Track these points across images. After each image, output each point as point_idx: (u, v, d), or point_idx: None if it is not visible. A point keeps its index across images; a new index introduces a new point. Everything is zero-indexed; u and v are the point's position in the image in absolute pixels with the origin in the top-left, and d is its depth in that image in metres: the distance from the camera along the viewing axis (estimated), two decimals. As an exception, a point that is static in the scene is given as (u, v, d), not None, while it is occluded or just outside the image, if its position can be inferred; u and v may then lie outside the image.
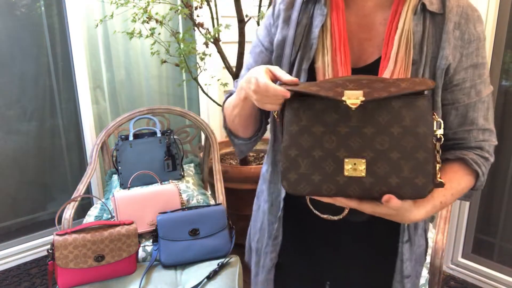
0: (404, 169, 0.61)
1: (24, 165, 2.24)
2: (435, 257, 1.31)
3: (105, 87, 2.38)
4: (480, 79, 0.75)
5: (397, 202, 0.62)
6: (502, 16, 1.73)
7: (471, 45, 0.73)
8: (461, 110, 0.76)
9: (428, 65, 0.73)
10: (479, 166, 0.76)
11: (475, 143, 0.78)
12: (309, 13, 0.78)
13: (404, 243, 0.80)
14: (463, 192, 0.76)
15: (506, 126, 1.84)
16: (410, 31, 0.72)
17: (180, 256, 1.44)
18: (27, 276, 2.10)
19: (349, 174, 0.63)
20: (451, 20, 0.72)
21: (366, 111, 0.63)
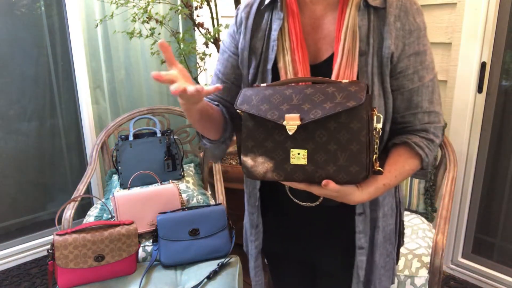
0: (340, 159, 0.72)
1: (24, 165, 2.24)
2: (435, 257, 1.30)
3: (105, 87, 2.38)
4: (422, 65, 0.82)
5: (334, 186, 0.71)
6: (502, 16, 1.73)
7: (412, 35, 0.81)
8: (406, 95, 0.84)
9: (376, 55, 0.81)
10: (421, 149, 0.83)
11: (421, 126, 0.85)
12: (268, 19, 0.87)
13: (357, 215, 0.87)
14: (408, 173, 0.84)
15: (506, 126, 1.84)
16: (356, 25, 0.80)
17: (180, 256, 1.44)
18: (27, 276, 2.10)
19: (294, 162, 0.75)
20: (392, 13, 0.80)
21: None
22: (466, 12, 1.76)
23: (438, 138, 0.86)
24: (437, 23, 1.88)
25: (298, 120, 0.73)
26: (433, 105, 0.85)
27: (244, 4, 0.92)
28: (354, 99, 0.71)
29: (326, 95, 0.73)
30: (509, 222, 1.92)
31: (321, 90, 0.75)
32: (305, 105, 0.74)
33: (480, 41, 1.76)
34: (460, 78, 1.83)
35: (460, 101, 1.85)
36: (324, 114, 0.71)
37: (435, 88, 0.85)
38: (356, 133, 0.71)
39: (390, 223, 0.96)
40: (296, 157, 0.74)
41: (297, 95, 0.75)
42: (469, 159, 1.92)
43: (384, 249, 0.96)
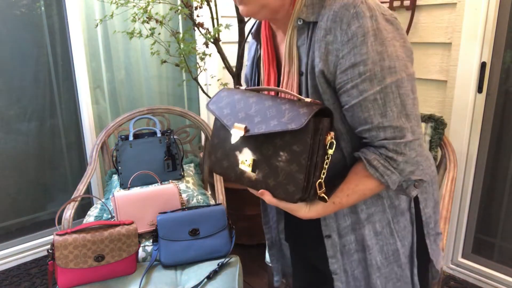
0: (280, 175, 0.74)
1: (24, 165, 2.24)
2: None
3: (105, 87, 2.38)
4: (361, 77, 0.73)
5: (270, 198, 0.74)
6: (502, 16, 1.73)
7: (346, 46, 0.73)
8: (351, 112, 0.77)
9: (310, 74, 0.78)
10: (375, 168, 0.76)
11: (378, 142, 0.76)
12: (255, 48, 0.94)
13: (325, 238, 0.87)
14: (364, 193, 0.79)
15: (506, 126, 1.84)
16: (293, 45, 0.79)
17: (180, 256, 1.44)
18: (27, 276, 2.10)
19: (241, 168, 0.79)
20: (321, 27, 0.75)
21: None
22: (466, 12, 1.76)
23: (402, 155, 0.75)
24: (437, 23, 1.88)
25: (242, 131, 0.76)
26: (388, 119, 0.74)
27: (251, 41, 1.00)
28: (296, 122, 0.70)
29: (278, 112, 0.74)
30: (509, 222, 1.92)
31: (277, 105, 0.75)
32: (257, 117, 0.76)
33: (480, 41, 1.76)
34: (460, 78, 1.83)
35: (460, 101, 1.85)
36: (266, 130, 0.73)
37: (390, 99, 0.74)
38: (297, 155, 0.71)
39: (390, 242, 0.88)
40: (244, 163, 0.78)
41: (256, 105, 0.78)
42: (469, 159, 1.92)
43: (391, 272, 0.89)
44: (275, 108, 0.75)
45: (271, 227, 1.11)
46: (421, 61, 1.97)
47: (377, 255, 0.87)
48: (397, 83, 0.74)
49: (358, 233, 0.86)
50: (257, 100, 0.79)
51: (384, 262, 0.87)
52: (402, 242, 0.90)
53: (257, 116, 0.76)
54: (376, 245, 0.87)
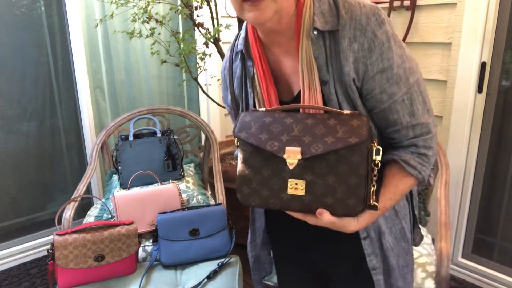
0: (338, 191, 0.70)
1: (24, 165, 2.24)
2: (440, 266, 1.21)
3: (105, 87, 2.38)
4: (389, 82, 0.76)
5: (328, 217, 0.71)
6: (502, 16, 1.73)
7: (373, 53, 0.74)
8: (381, 115, 0.79)
9: (338, 82, 0.78)
10: (413, 167, 0.79)
11: (408, 141, 0.80)
12: (242, 67, 0.89)
13: (363, 240, 0.87)
14: (403, 192, 0.82)
15: (506, 126, 1.84)
16: (311, 56, 0.77)
17: (180, 256, 1.44)
18: (27, 276, 2.10)
19: (291, 192, 0.73)
20: (345, 36, 0.75)
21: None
22: (466, 12, 1.76)
23: (431, 149, 0.81)
24: (437, 23, 1.88)
25: (299, 154, 0.71)
26: (416, 117, 0.79)
27: (223, 64, 0.96)
28: (357, 135, 0.69)
29: (327, 128, 0.72)
30: (509, 222, 1.92)
31: (322, 121, 0.73)
32: (306, 137, 0.72)
33: (480, 41, 1.76)
34: (460, 78, 1.83)
35: (460, 101, 1.85)
36: (325, 149, 0.70)
37: (415, 98, 0.78)
38: (356, 167, 0.70)
39: (396, 223, 0.94)
40: (294, 187, 0.73)
41: (297, 125, 0.74)
42: (469, 159, 1.92)
43: (400, 249, 0.94)
44: (322, 125, 0.72)
45: (257, 244, 1.11)
46: (421, 61, 1.97)
47: (388, 238, 0.91)
48: (417, 82, 0.78)
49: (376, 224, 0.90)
50: (295, 120, 0.74)
51: (395, 242, 0.92)
52: (405, 219, 0.95)
53: (304, 136, 0.72)
54: (387, 228, 0.91)
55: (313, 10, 0.77)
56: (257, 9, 0.72)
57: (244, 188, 0.77)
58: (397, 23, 2.00)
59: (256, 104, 0.87)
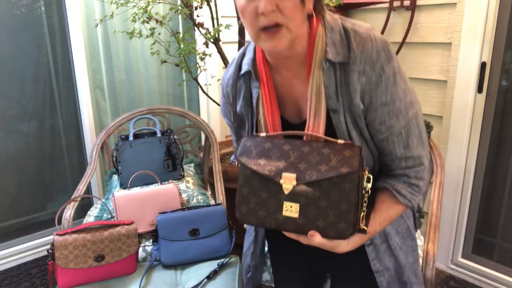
0: (329, 215, 0.76)
1: (24, 165, 2.24)
2: (426, 268, 1.19)
3: (105, 87, 2.38)
4: (389, 115, 0.80)
5: (319, 239, 0.75)
6: (502, 16, 1.73)
7: (379, 87, 0.78)
8: (378, 144, 0.84)
9: (347, 112, 0.81)
10: (403, 196, 0.84)
11: (400, 171, 0.85)
12: (248, 86, 0.91)
13: (366, 246, 0.91)
14: (393, 218, 0.86)
15: (506, 126, 1.84)
16: (321, 86, 0.80)
17: (180, 256, 1.44)
18: (27, 276, 2.10)
19: (286, 214, 0.78)
20: (355, 70, 0.77)
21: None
22: (466, 12, 1.76)
23: (422, 180, 0.85)
24: (437, 23, 1.88)
25: (294, 180, 0.77)
26: (410, 150, 0.83)
27: (226, 80, 0.97)
28: (348, 165, 0.75)
29: (321, 156, 0.77)
30: (509, 222, 1.92)
31: (317, 150, 0.78)
32: (302, 164, 0.78)
33: (480, 41, 1.76)
34: (460, 78, 1.83)
35: (460, 101, 1.85)
36: (319, 177, 0.76)
37: (411, 133, 0.82)
38: (347, 194, 0.75)
39: (401, 223, 0.96)
40: (289, 209, 0.78)
41: (294, 152, 0.79)
42: (469, 159, 1.92)
43: (407, 247, 0.97)
44: (316, 153, 0.78)
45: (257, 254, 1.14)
46: (421, 61, 1.97)
47: (395, 238, 0.94)
48: (415, 115, 0.83)
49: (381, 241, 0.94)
50: (292, 147, 0.80)
51: (402, 241, 0.95)
52: (409, 218, 0.99)
53: (300, 163, 0.78)
54: (392, 229, 0.94)
55: (325, 40, 0.79)
56: (273, 39, 0.75)
57: (243, 208, 0.82)
58: (397, 23, 2.00)
59: (258, 125, 0.90)
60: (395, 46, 2.00)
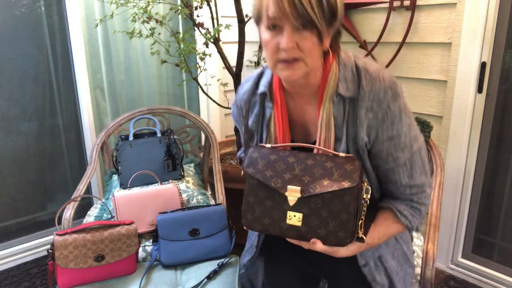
0: (330, 224, 0.81)
1: (24, 165, 2.24)
2: (425, 268, 1.19)
3: (105, 87, 2.38)
4: (395, 148, 0.87)
5: (320, 246, 0.82)
6: (502, 16, 1.73)
7: (385, 123, 0.85)
8: (383, 173, 0.91)
9: (351, 142, 0.88)
10: (405, 217, 0.91)
11: (404, 197, 0.92)
12: (261, 105, 0.98)
13: (362, 267, 0.95)
14: (391, 235, 0.93)
15: (506, 126, 1.84)
16: (330, 117, 0.87)
17: (180, 256, 1.44)
18: (27, 276, 2.10)
19: (289, 223, 0.83)
20: (363, 106, 0.85)
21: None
22: (466, 12, 1.76)
23: (424, 205, 0.93)
24: (437, 23, 1.88)
25: (298, 193, 0.82)
26: (414, 179, 0.90)
27: (242, 94, 1.03)
28: (349, 179, 0.80)
29: (325, 170, 0.82)
30: (509, 222, 1.92)
31: (320, 163, 0.83)
32: (306, 177, 0.83)
33: (480, 41, 1.76)
34: (460, 78, 1.83)
35: (460, 101, 1.85)
36: (322, 190, 0.81)
37: (415, 164, 0.89)
38: (347, 205, 0.80)
39: (397, 248, 1.03)
40: (293, 218, 0.83)
41: (299, 164, 0.84)
42: (469, 159, 1.92)
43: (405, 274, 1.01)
44: (319, 167, 0.83)
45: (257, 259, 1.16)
46: (421, 61, 1.97)
47: (392, 262, 0.98)
48: (419, 147, 0.90)
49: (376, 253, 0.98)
50: (297, 159, 0.85)
51: (398, 266, 0.99)
52: (407, 244, 1.05)
53: (304, 176, 0.83)
54: (388, 252, 0.98)
55: (338, 75, 0.87)
56: (289, 69, 0.82)
57: (248, 215, 0.88)
58: (397, 23, 2.00)
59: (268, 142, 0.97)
60: (395, 46, 2.01)
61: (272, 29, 0.80)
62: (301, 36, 0.78)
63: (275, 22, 0.79)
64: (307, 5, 0.74)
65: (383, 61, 2.07)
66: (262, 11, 0.80)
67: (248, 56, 2.17)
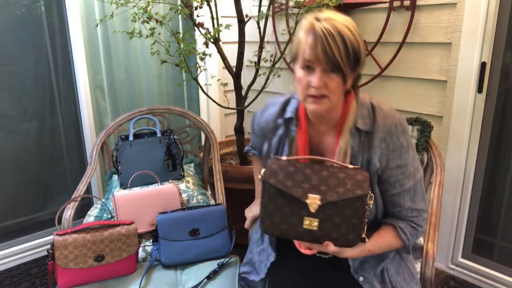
0: (342, 228, 0.93)
1: (24, 165, 2.24)
2: (425, 267, 1.20)
3: (105, 87, 2.38)
4: (403, 175, 1.03)
5: (332, 248, 0.95)
6: (502, 16, 1.73)
7: (395, 152, 1.02)
8: (390, 197, 1.06)
9: (365, 167, 1.03)
10: (405, 234, 1.05)
11: (406, 218, 1.07)
12: (284, 128, 1.14)
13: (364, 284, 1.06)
14: (390, 247, 1.06)
15: (506, 126, 1.84)
16: (348, 146, 1.02)
17: (180, 256, 1.44)
18: (27, 276, 2.10)
19: (306, 227, 0.94)
20: (377, 137, 1.02)
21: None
22: (466, 12, 1.76)
23: (421, 228, 1.07)
24: (437, 23, 1.88)
25: (318, 200, 0.93)
26: (415, 204, 1.05)
27: (269, 115, 1.18)
28: (361, 188, 0.93)
29: (338, 180, 0.95)
30: (509, 222, 1.92)
31: (334, 174, 0.95)
32: (322, 187, 0.94)
33: (480, 41, 1.76)
34: (460, 78, 1.83)
35: (460, 101, 1.85)
36: (338, 198, 0.93)
37: (417, 191, 1.05)
38: (357, 211, 0.93)
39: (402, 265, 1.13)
40: (309, 223, 0.94)
41: (315, 176, 0.96)
42: (469, 159, 1.92)
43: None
44: (334, 177, 0.95)
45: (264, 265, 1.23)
46: (421, 61, 1.97)
47: (396, 277, 1.09)
48: (421, 178, 1.07)
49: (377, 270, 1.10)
50: (313, 171, 0.96)
51: (404, 283, 1.09)
52: (411, 263, 1.16)
53: (321, 186, 0.94)
54: (392, 268, 1.10)
55: (356, 112, 1.03)
56: (316, 104, 0.98)
57: (267, 221, 0.97)
58: (397, 23, 2.00)
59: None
60: (395, 46, 2.01)
61: (306, 69, 0.96)
62: (329, 77, 0.94)
63: (308, 64, 0.95)
64: (337, 54, 0.90)
65: (383, 61, 2.07)
66: (299, 53, 0.96)
67: (248, 56, 2.16)
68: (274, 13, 2.49)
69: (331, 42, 0.91)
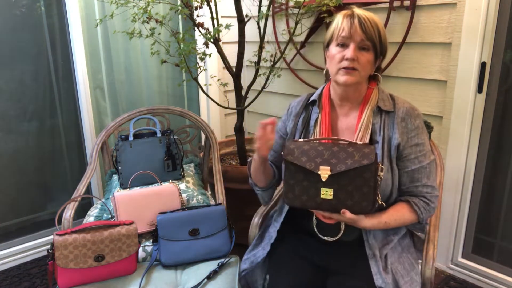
0: (355, 196, 1.03)
1: (24, 165, 2.24)
2: (425, 267, 1.20)
3: (105, 87, 2.38)
4: (421, 153, 1.15)
5: (350, 215, 1.04)
6: (502, 16, 1.73)
7: (412, 132, 1.15)
8: (410, 173, 1.16)
9: (386, 143, 1.15)
10: (418, 208, 1.15)
11: (421, 194, 1.16)
12: (309, 111, 1.28)
13: (370, 259, 1.13)
14: (405, 221, 1.15)
15: (506, 126, 1.84)
16: (370, 123, 1.15)
17: (180, 256, 1.44)
18: (27, 276, 2.10)
19: (323, 197, 1.05)
20: (398, 116, 1.15)
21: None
22: (466, 12, 1.76)
23: (433, 204, 1.17)
24: (437, 23, 1.88)
25: (329, 171, 1.04)
26: (430, 181, 1.16)
27: (293, 104, 1.33)
28: (367, 159, 1.02)
29: (347, 154, 1.05)
30: (509, 222, 1.92)
31: (344, 149, 1.06)
32: (333, 160, 1.05)
33: (480, 41, 1.76)
34: (460, 78, 1.83)
35: (460, 101, 1.85)
36: (346, 168, 1.03)
37: (432, 170, 1.17)
38: (367, 180, 1.02)
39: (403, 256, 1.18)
40: (325, 193, 1.05)
41: (327, 151, 1.07)
42: (469, 159, 1.92)
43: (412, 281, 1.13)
44: (343, 152, 1.06)
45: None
46: (421, 61, 1.97)
47: (397, 265, 1.14)
48: (433, 159, 1.19)
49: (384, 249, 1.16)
50: (325, 147, 1.07)
51: (404, 272, 1.14)
52: (413, 255, 1.21)
53: (332, 159, 1.05)
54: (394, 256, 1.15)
55: (378, 96, 1.18)
56: (348, 75, 1.11)
57: (289, 194, 1.09)
58: (397, 23, 2.00)
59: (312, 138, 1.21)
60: (395, 46, 2.01)
61: (340, 46, 1.11)
62: (361, 53, 1.10)
63: (343, 41, 1.11)
64: (372, 32, 1.09)
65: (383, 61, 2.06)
66: (335, 33, 1.12)
67: (248, 56, 2.17)
68: (274, 13, 2.49)
69: (368, 22, 1.09)
